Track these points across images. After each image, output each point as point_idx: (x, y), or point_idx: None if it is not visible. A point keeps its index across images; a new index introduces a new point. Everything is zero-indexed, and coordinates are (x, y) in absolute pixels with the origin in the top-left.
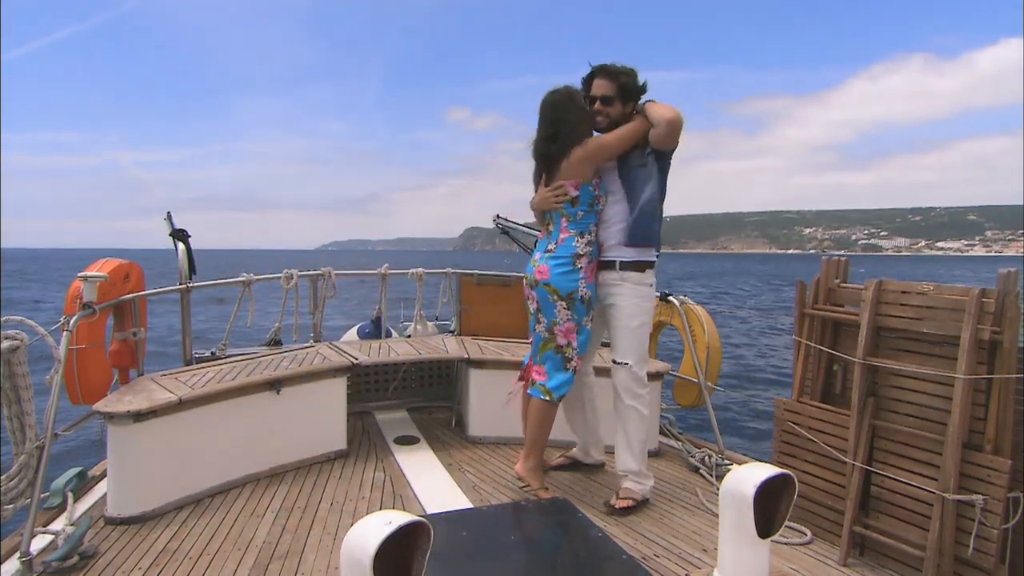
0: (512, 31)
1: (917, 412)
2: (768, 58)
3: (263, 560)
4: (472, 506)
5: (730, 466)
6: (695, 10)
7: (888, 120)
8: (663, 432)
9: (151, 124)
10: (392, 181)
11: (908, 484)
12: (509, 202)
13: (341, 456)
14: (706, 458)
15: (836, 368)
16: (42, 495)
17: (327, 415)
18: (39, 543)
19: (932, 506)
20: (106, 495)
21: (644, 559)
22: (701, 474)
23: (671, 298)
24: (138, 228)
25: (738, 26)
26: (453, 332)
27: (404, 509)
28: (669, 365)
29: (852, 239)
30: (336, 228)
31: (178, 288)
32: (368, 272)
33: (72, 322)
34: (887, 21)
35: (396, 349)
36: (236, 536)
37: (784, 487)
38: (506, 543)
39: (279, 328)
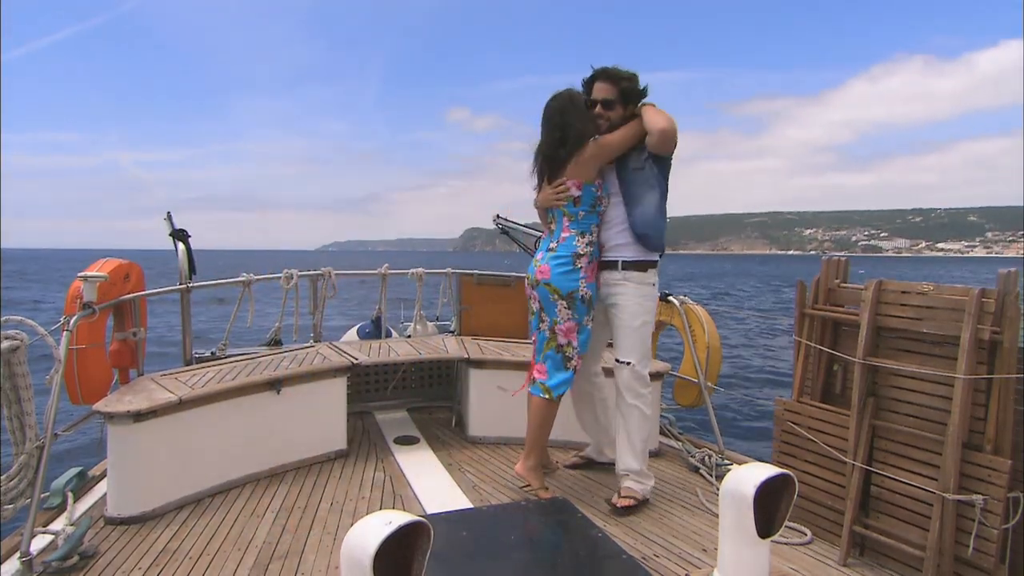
0: (512, 31)
1: (917, 412)
2: (768, 58)
3: (263, 560)
4: (472, 506)
5: (730, 466)
6: (695, 10)
7: (888, 121)
8: (663, 432)
9: (151, 124)
10: (392, 181)
11: (908, 484)
12: (509, 202)
13: (341, 456)
14: (706, 458)
15: (836, 368)
16: (42, 495)
17: (327, 415)
18: (39, 543)
19: (932, 506)
20: (106, 495)
21: (644, 559)
22: (701, 474)
23: (671, 298)
24: (138, 228)
25: (738, 26)
26: (453, 332)
27: (404, 509)
28: (669, 365)
29: (852, 240)
30: (336, 228)
31: (178, 288)
32: (368, 272)
33: (72, 322)
34: (887, 22)
35: (396, 349)
36: (236, 536)
37: (784, 487)
38: (506, 543)
39: (279, 328)
